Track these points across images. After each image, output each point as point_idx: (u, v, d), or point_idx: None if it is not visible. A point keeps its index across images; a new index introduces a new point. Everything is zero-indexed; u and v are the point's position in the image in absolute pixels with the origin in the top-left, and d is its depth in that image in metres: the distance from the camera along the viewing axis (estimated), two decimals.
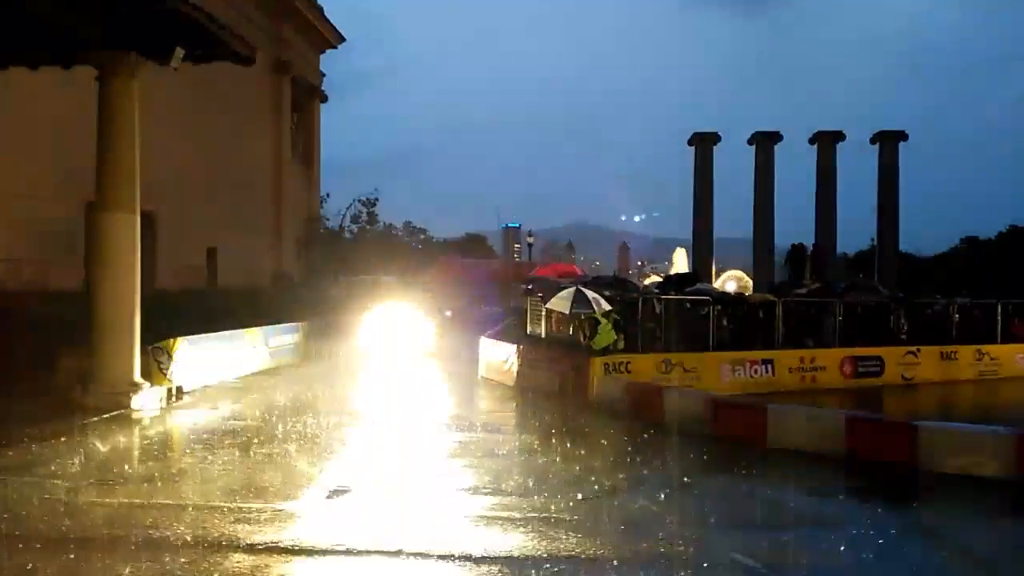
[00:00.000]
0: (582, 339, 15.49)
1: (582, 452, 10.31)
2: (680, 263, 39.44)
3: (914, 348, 18.77)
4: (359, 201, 40.70)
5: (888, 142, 52.04)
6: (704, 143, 53.98)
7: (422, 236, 64.40)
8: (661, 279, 32.36)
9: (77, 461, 9.46)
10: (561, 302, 15.61)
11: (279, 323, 20.75)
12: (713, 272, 41.17)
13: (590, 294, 15.45)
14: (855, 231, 57.58)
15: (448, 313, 31.74)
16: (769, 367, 16.67)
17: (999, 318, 20.58)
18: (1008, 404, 17.22)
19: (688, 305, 17.77)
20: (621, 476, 9.16)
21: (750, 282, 37.36)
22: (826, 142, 52.80)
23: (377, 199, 41.25)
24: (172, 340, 14.51)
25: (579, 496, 8.01)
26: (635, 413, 12.56)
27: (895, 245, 52.07)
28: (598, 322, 15.01)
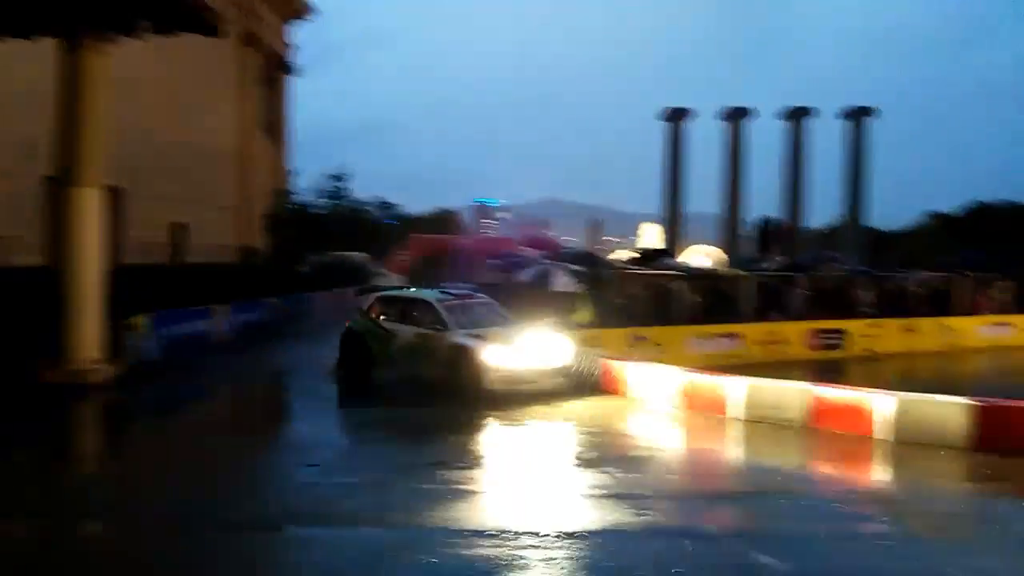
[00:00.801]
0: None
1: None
2: (648, 238, 39.65)
3: (877, 321, 19.14)
4: (329, 176, 40.25)
5: (856, 118, 52.62)
6: (676, 118, 54.13)
7: (394, 212, 63.89)
8: (636, 254, 32.54)
9: (41, 438, 9.42)
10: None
11: (248, 300, 20.62)
12: (684, 247, 41.57)
13: (567, 269, 15.75)
14: (824, 206, 58.26)
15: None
16: (737, 341, 16.92)
17: (950, 291, 21.06)
18: (969, 375, 17.59)
19: (659, 279, 17.96)
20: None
21: (725, 256, 37.68)
22: (795, 118, 53.26)
23: (347, 174, 40.80)
24: (139, 317, 14.35)
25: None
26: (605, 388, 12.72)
27: (862, 220, 52.84)
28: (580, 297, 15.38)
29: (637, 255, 32.07)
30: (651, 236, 39.86)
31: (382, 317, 13.49)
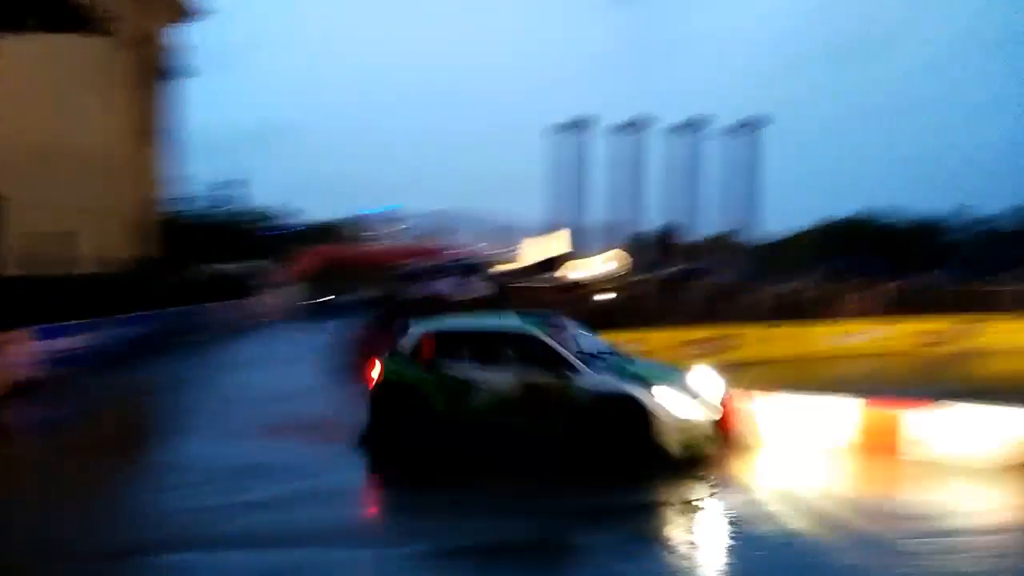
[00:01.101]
0: None
1: None
2: (540, 248, 40.37)
3: (758, 326, 20.23)
4: (224, 182, 39.21)
5: (750, 129, 55.31)
6: (574, 129, 55.43)
7: (295, 218, 62.68)
8: (534, 264, 33.14)
9: None
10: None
11: (136, 312, 19.96)
12: (589, 254, 42.66)
13: (477, 278, 15.83)
14: (720, 214, 60.79)
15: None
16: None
17: (832, 296, 22.45)
18: (844, 378, 18.65)
19: (553, 290, 18.45)
20: None
21: (629, 258, 38.80)
22: (692, 129, 55.54)
23: (243, 180, 39.89)
24: (20, 331, 13.75)
25: None
26: None
27: (753, 228, 55.61)
28: (468, 306, 15.46)
29: (533, 264, 32.73)
30: (548, 246, 40.55)
31: (447, 360, 9.87)
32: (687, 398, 8.96)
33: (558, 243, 40.04)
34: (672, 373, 9.57)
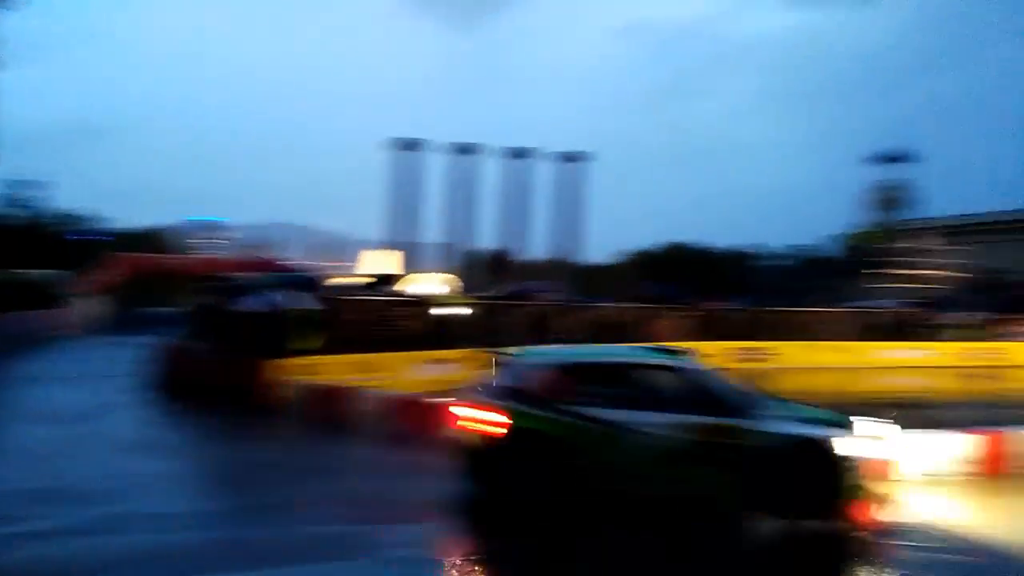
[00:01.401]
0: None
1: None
2: (379, 264, 40.14)
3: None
4: (17, 182, 35.62)
5: (578, 159, 57.95)
6: (408, 148, 55.63)
7: (103, 225, 57.91)
8: (369, 279, 32.79)
9: None
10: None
11: None
12: (418, 274, 42.75)
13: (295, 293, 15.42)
14: (548, 238, 63.16)
15: None
16: (451, 367, 17.79)
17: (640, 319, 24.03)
18: None
19: (387, 305, 18.42)
20: None
21: (460, 283, 39.25)
22: (522, 156, 57.44)
23: (44, 182, 36.48)
24: None
25: None
26: (321, 415, 12.79)
27: (578, 254, 58.24)
28: (298, 320, 15.08)
29: (367, 280, 32.41)
30: (382, 262, 40.25)
31: (579, 399, 7.87)
32: (862, 439, 7.93)
33: (391, 261, 39.88)
34: (830, 414, 8.41)
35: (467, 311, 20.79)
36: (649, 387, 8.13)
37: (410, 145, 55.49)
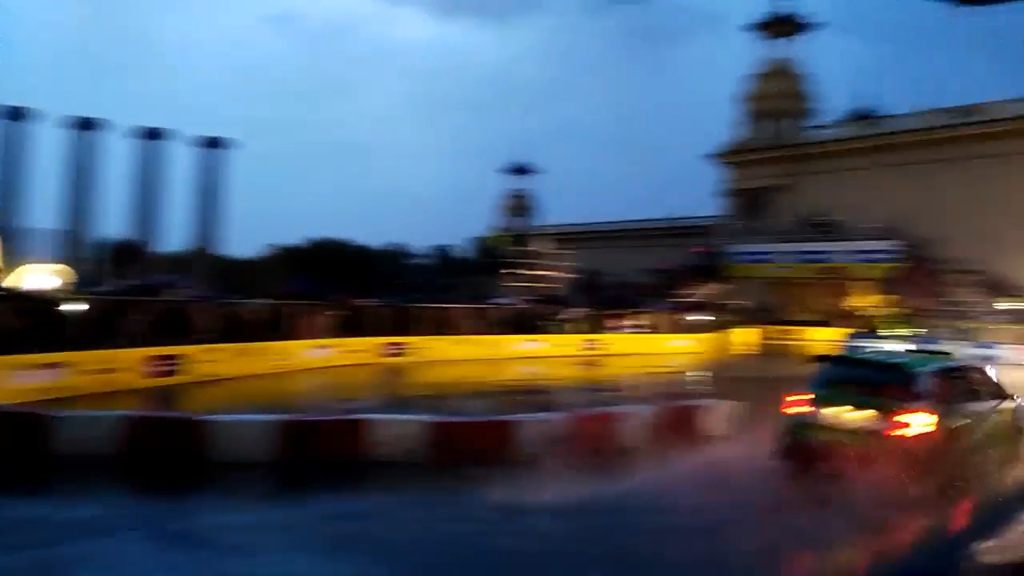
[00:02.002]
0: None
1: None
2: None
3: (215, 346, 19.84)
4: None
5: (218, 146, 54.11)
6: (13, 119, 47.38)
7: None
8: None
9: None
10: None
11: None
12: (22, 264, 36.49)
13: None
14: (181, 230, 58.18)
15: None
16: (61, 371, 15.50)
17: (283, 316, 23.38)
18: (294, 394, 19.46)
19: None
20: None
21: (73, 275, 34.39)
22: (157, 137, 52.05)
23: None
24: None
25: None
26: None
27: (216, 246, 54.46)
28: None
29: None
30: None
31: (958, 398, 9.36)
32: None
33: None
34: None
35: (82, 307, 18.27)
36: (972, 383, 9.85)
37: (14, 114, 47.16)
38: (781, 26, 53.50)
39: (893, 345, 23.94)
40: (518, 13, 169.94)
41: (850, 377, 9.48)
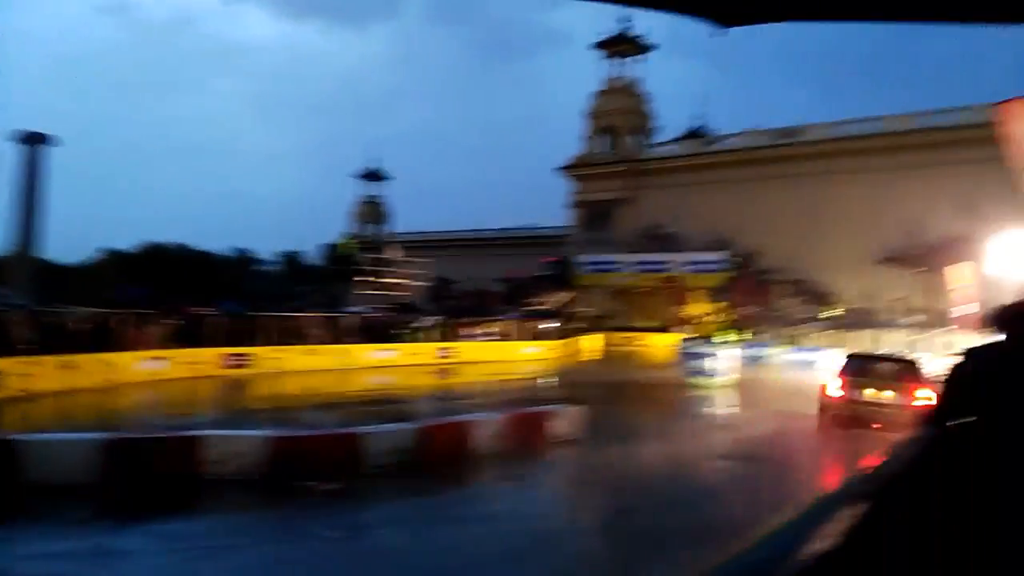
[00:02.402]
0: None
1: None
2: None
3: (34, 358, 18.21)
4: None
5: (31, 143, 49.55)
6: None
7: None
8: None
9: None
10: None
11: None
12: None
13: None
14: None
15: None
16: None
17: (113, 327, 21.80)
18: (122, 410, 18.17)
19: None
20: None
21: None
22: None
23: None
24: None
25: None
26: None
27: (34, 251, 49.84)
28: None
29: None
30: None
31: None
32: None
33: None
34: None
35: None
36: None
37: None
38: (622, 46, 55.93)
39: (725, 350, 25.55)
40: (369, 18, 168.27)
41: (869, 369, 13.60)
